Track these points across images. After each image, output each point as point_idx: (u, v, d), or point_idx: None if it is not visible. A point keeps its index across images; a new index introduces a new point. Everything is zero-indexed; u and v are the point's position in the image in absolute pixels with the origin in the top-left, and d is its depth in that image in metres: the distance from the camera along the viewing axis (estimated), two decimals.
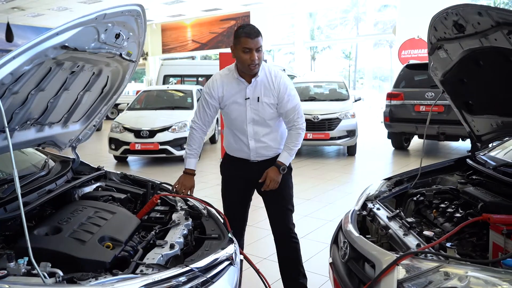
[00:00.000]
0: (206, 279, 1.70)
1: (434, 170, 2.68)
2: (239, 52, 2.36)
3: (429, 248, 1.68)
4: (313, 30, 30.74)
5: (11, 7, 17.21)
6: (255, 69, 2.40)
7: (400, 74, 8.77)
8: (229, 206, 2.75)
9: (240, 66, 2.43)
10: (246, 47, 2.32)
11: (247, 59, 2.34)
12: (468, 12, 1.75)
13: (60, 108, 2.20)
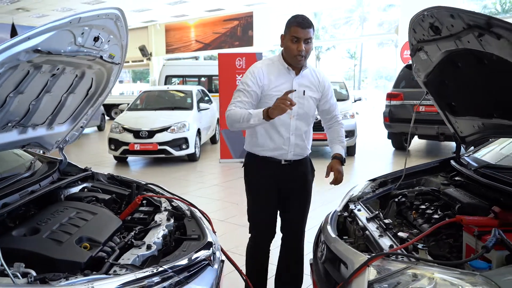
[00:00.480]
0: (180, 279, 1.72)
1: (419, 171, 2.68)
2: (288, 41, 2.30)
3: (402, 250, 1.69)
4: (318, 30, 30.75)
5: (15, 8, 17.38)
6: (301, 60, 2.32)
7: (400, 74, 8.75)
8: (266, 215, 2.54)
9: (287, 56, 2.35)
10: (295, 36, 2.25)
11: (294, 49, 2.27)
12: (441, 14, 1.75)
13: (43, 110, 2.23)
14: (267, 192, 2.49)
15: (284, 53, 2.37)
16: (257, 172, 2.50)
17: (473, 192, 2.13)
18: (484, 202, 1.96)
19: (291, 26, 2.28)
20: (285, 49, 2.34)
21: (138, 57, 23.25)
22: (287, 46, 2.31)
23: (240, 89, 2.34)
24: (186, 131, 7.79)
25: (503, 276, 1.32)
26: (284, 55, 2.38)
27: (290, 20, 2.31)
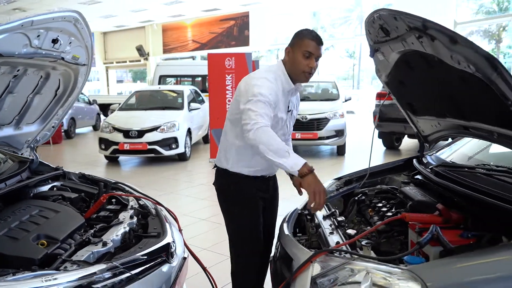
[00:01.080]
0: (131, 275, 1.76)
1: (384, 170, 2.72)
2: (298, 55, 2.07)
3: (347, 246, 1.74)
4: (317, 29, 30.76)
5: (12, 8, 17.45)
6: (309, 78, 2.15)
7: None
8: (259, 237, 2.25)
9: (293, 71, 2.11)
10: (309, 51, 2.05)
11: (305, 65, 2.07)
12: (387, 16, 1.80)
13: (9, 111, 2.28)
14: (259, 207, 2.26)
15: (290, 67, 2.13)
16: (247, 190, 2.21)
17: (428, 190, 2.17)
18: (434, 200, 2.00)
19: (304, 39, 2.07)
20: (293, 63, 2.10)
21: (136, 57, 23.30)
22: (296, 60, 2.08)
23: (261, 101, 1.95)
24: (176, 130, 7.84)
25: (426, 270, 1.37)
26: (289, 69, 2.13)
27: (302, 33, 2.10)
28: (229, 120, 2.21)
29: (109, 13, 19.27)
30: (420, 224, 1.75)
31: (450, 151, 2.69)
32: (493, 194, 1.69)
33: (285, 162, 1.83)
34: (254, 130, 1.86)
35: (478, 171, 2.01)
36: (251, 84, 2.03)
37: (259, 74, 2.14)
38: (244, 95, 2.02)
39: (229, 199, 2.26)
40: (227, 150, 2.21)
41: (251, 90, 1.99)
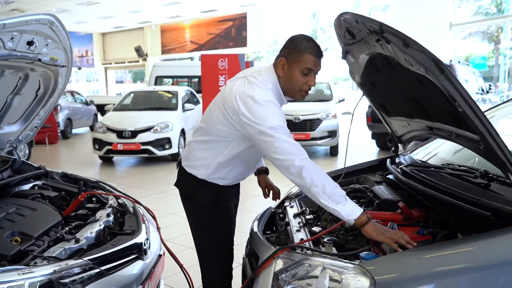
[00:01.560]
0: (100, 271, 1.82)
1: (359, 170, 2.77)
2: (295, 72, 1.84)
3: (309, 243, 1.79)
4: (316, 31, 30.78)
5: (11, 9, 17.54)
6: (304, 97, 1.95)
7: None
8: (230, 244, 2.20)
9: (288, 88, 1.90)
10: (309, 68, 1.82)
11: (303, 83, 1.85)
12: (350, 20, 1.84)
13: None
14: (233, 215, 2.22)
15: (285, 83, 1.89)
16: (223, 200, 2.10)
17: (397, 189, 2.22)
18: (399, 198, 2.05)
19: (304, 53, 1.81)
20: (289, 80, 1.87)
21: (134, 57, 23.38)
22: (293, 77, 1.85)
23: (287, 133, 1.78)
24: (169, 131, 7.90)
25: (374, 265, 1.42)
26: (283, 85, 1.90)
27: (301, 45, 1.82)
28: (218, 134, 1.95)
29: (108, 14, 19.35)
30: (381, 221, 1.79)
31: (422, 151, 2.74)
32: (451, 193, 1.74)
33: (342, 210, 1.64)
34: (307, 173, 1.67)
35: (442, 171, 2.06)
36: (267, 109, 1.77)
37: (269, 94, 1.83)
38: (259, 120, 1.75)
39: (203, 209, 2.09)
40: (208, 162, 2.01)
41: (268, 117, 1.75)
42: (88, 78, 27.76)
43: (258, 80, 1.87)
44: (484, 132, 1.41)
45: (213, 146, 1.99)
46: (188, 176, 2.07)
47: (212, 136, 1.98)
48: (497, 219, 1.50)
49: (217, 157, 2.00)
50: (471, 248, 1.41)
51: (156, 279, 2.27)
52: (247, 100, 1.79)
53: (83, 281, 1.75)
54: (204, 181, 2.03)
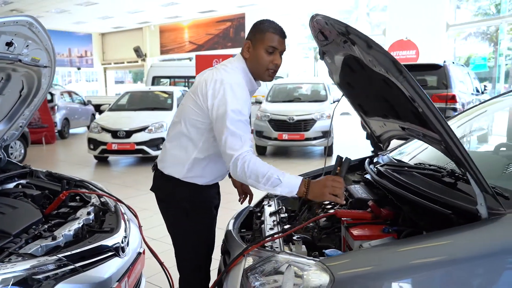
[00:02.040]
0: (75, 267, 1.85)
1: None
2: (260, 51, 1.87)
3: (280, 240, 1.82)
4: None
5: (10, 10, 17.60)
6: (273, 76, 1.95)
7: None
8: (210, 248, 2.15)
9: (256, 69, 1.92)
10: (272, 46, 1.86)
11: (269, 61, 1.88)
12: (321, 22, 1.88)
13: None
14: (214, 216, 2.17)
15: (252, 65, 1.92)
16: (202, 200, 2.06)
17: (373, 188, 2.26)
18: (372, 197, 2.08)
19: (266, 33, 1.87)
20: (255, 61, 1.90)
21: (134, 58, 23.43)
22: (258, 56, 1.88)
23: (240, 120, 1.78)
24: (164, 131, 7.93)
25: (333, 261, 1.45)
26: (251, 67, 1.93)
27: (263, 25, 1.90)
28: (191, 125, 1.93)
29: (106, 14, 19.40)
30: (350, 220, 1.83)
31: (402, 151, 2.77)
32: (417, 192, 1.77)
33: (282, 191, 1.70)
34: (242, 165, 1.70)
35: (414, 170, 2.09)
36: (227, 92, 1.79)
37: (237, 78, 1.87)
38: (219, 104, 1.79)
39: (181, 210, 2.02)
40: (183, 159, 1.98)
41: (227, 100, 1.77)
42: (88, 78, 27.85)
43: (227, 67, 1.92)
44: (442, 131, 1.44)
45: (187, 141, 1.97)
46: (164, 178, 2.02)
47: (186, 130, 1.96)
48: (457, 217, 1.53)
49: (192, 152, 1.97)
50: (433, 244, 1.44)
51: (135, 276, 2.31)
52: (215, 83, 1.83)
53: (57, 278, 1.79)
54: (181, 181, 1.99)
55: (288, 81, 10.87)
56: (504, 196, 1.52)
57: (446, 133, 1.43)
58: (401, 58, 13.47)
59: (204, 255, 2.12)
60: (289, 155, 9.22)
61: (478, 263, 1.33)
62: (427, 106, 1.43)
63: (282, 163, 8.25)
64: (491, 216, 1.44)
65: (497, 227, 1.39)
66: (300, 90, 10.09)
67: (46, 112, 10.86)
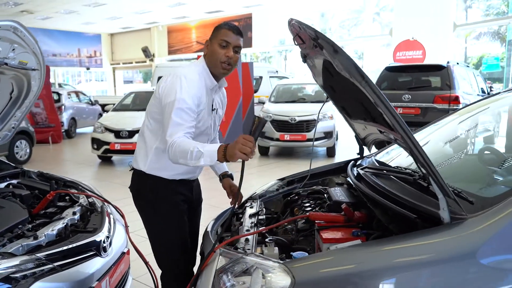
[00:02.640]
0: (53, 266, 1.90)
1: (325, 172, 2.81)
2: (214, 46, 2.03)
3: (253, 240, 1.84)
4: (325, 31, 30.72)
5: (20, 11, 17.84)
6: (227, 70, 2.07)
7: (380, 75, 8.83)
8: (184, 245, 2.20)
9: (211, 63, 2.06)
10: (225, 40, 2.01)
11: (222, 54, 2.01)
12: (296, 26, 1.90)
13: None
14: (183, 212, 2.20)
15: (208, 59, 2.08)
16: (168, 195, 2.13)
17: (352, 191, 2.27)
18: (350, 200, 2.09)
19: (221, 30, 2.04)
20: (210, 55, 2.06)
21: (142, 58, 23.61)
22: (213, 51, 2.03)
23: (182, 108, 1.91)
24: None
25: (296, 264, 1.47)
26: (208, 63, 2.09)
27: (219, 25, 2.10)
28: (151, 118, 2.10)
29: (115, 14, 19.57)
30: (323, 222, 1.85)
31: (387, 154, 2.77)
32: (388, 195, 1.78)
33: (204, 161, 1.80)
34: (170, 147, 1.84)
35: (391, 173, 2.09)
36: (176, 83, 1.95)
37: (187, 71, 2.03)
38: (167, 94, 1.96)
39: (149, 204, 2.13)
40: (146, 151, 2.12)
41: (174, 91, 1.93)
42: (97, 78, 28.16)
43: (186, 65, 2.12)
44: (403, 135, 1.45)
45: (149, 133, 2.12)
46: (135, 173, 2.19)
47: (148, 123, 2.12)
48: (422, 221, 1.54)
49: (153, 143, 2.10)
50: (393, 248, 1.45)
51: (118, 275, 2.35)
52: (170, 76, 2.02)
53: (36, 276, 1.84)
54: (147, 174, 2.11)
55: (291, 81, 10.88)
56: (468, 200, 1.53)
57: (407, 137, 1.44)
58: (408, 59, 13.40)
59: (178, 251, 2.16)
60: (293, 156, 9.22)
61: (435, 268, 1.34)
62: (388, 110, 1.45)
63: (284, 164, 8.26)
64: (453, 221, 1.44)
65: (457, 232, 1.39)
66: (303, 90, 10.08)
67: (53, 112, 11.01)
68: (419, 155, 1.44)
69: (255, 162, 8.43)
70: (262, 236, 2.03)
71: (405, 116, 7.91)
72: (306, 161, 8.65)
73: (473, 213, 1.45)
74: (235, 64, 2.09)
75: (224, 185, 2.43)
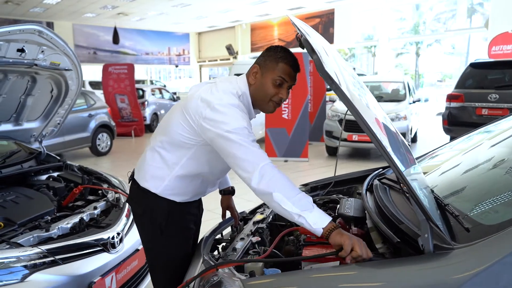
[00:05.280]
0: (54, 259, 1.99)
1: (350, 179, 2.60)
2: (267, 80, 1.72)
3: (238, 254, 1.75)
4: (418, 24, 28.94)
5: (117, 13, 19.36)
6: (275, 109, 1.80)
7: (464, 73, 8.05)
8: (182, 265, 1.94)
9: (258, 97, 1.76)
10: (282, 77, 1.71)
11: (275, 93, 1.73)
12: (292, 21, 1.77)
13: (2, 109, 2.66)
14: (190, 235, 2.01)
15: (255, 91, 1.76)
16: (180, 218, 1.90)
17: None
18: (355, 214, 1.89)
19: (279, 62, 1.71)
20: (260, 88, 1.74)
21: (226, 55, 24.30)
22: (264, 85, 1.73)
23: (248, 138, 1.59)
24: None
25: (252, 281, 1.35)
26: (253, 94, 1.77)
27: (277, 53, 1.73)
28: (175, 139, 1.78)
29: (200, 14, 20.35)
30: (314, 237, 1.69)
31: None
32: (384, 212, 1.58)
33: (308, 217, 1.46)
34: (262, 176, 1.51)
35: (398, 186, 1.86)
36: (222, 112, 1.62)
37: (234, 101, 1.67)
38: (212, 122, 1.62)
39: (156, 226, 1.87)
40: (164, 175, 1.82)
41: (225, 119, 1.60)
42: (186, 75, 29.70)
43: (226, 86, 1.74)
44: (373, 140, 1.27)
45: (169, 155, 1.81)
46: (141, 190, 1.85)
47: (169, 144, 1.80)
48: (407, 246, 1.33)
49: (173, 168, 1.81)
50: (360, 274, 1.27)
51: (129, 272, 2.40)
52: (211, 102, 1.65)
53: (37, 267, 1.94)
54: (159, 196, 1.83)
55: (365, 79, 10.37)
56: (464, 227, 1.28)
57: (379, 145, 1.25)
58: (506, 53, 12.06)
59: (177, 270, 1.94)
60: (363, 157, 8.80)
61: None
62: (357, 115, 1.27)
63: (351, 165, 7.92)
64: (437, 250, 1.22)
65: (434, 265, 1.17)
66: (380, 88, 9.56)
67: (137, 107, 11.78)
68: (393, 167, 1.24)
69: (320, 162, 8.21)
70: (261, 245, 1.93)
71: (490, 118, 7.11)
72: (376, 163, 8.19)
73: (464, 243, 1.21)
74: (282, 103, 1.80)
75: (222, 203, 2.23)
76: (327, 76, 1.31)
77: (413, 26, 28.17)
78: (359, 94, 1.69)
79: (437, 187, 1.85)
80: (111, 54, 22.50)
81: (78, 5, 17.35)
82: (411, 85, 9.65)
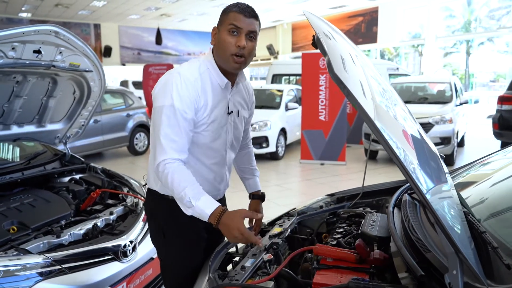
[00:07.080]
0: (61, 268, 1.92)
1: (380, 191, 2.38)
2: (223, 33, 1.61)
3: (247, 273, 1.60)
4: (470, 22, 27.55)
5: (160, 14, 19.73)
6: (240, 63, 1.64)
7: None
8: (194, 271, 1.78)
9: (220, 56, 1.65)
10: (235, 25, 1.59)
11: (232, 43, 1.60)
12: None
13: (25, 111, 2.65)
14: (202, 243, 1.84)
15: (217, 52, 1.67)
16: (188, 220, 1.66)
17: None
18: (379, 234, 1.68)
19: (229, 13, 1.62)
20: (219, 46, 1.65)
21: (266, 55, 24.20)
22: (221, 40, 1.62)
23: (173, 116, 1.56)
24: (267, 130, 7.95)
25: None
26: (216, 56, 1.68)
27: (228, 6, 1.66)
28: None
29: None
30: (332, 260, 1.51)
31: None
32: (410, 235, 1.37)
33: (191, 212, 1.52)
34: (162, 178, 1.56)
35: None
36: (168, 83, 1.59)
37: (184, 70, 1.64)
38: (156, 96, 1.62)
39: (158, 227, 1.79)
40: None
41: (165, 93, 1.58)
42: None
43: (188, 64, 1.72)
44: (392, 157, 1.07)
45: None
46: (148, 191, 1.84)
47: None
48: (430, 281, 1.12)
49: None
50: None
51: (142, 281, 2.31)
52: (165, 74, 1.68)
53: (44, 276, 1.88)
54: (161, 195, 1.75)
55: (408, 79, 9.89)
56: (504, 263, 1.06)
57: (397, 161, 1.05)
58: None
59: (187, 277, 1.80)
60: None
61: None
62: (371, 123, 1.08)
63: (392, 170, 7.57)
64: None
65: None
66: (425, 89, 9.08)
67: None
68: (414, 185, 1.04)
69: (359, 166, 7.89)
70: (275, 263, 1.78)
71: None
72: None
73: (502, 284, 0.99)
74: (250, 56, 1.67)
75: (249, 208, 2.10)
76: (338, 81, 1.13)
77: (464, 23, 26.87)
78: (387, 105, 1.53)
79: (477, 207, 1.62)
80: (154, 54, 22.98)
81: (123, 7, 17.82)
82: (459, 85, 9.11)
